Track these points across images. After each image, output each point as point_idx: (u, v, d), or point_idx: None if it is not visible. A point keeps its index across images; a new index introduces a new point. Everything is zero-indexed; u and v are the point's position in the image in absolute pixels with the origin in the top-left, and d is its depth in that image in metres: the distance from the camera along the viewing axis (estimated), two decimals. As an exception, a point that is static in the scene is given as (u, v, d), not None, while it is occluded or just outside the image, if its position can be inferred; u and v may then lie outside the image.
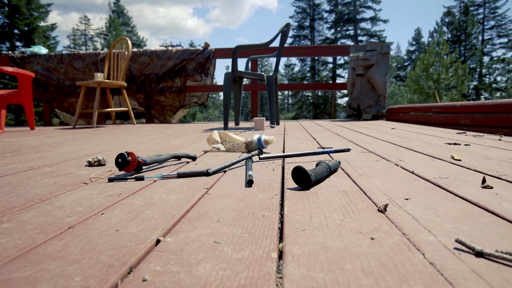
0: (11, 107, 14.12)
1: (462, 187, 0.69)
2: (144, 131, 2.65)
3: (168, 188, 0.72)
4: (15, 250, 0.40)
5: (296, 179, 0.71)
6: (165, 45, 35.96)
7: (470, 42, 24.41)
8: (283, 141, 1.76)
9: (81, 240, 0.43)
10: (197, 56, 4.44)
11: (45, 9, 16.78)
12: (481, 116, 2.45)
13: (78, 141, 1.88)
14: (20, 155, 1.30)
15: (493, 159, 1.06)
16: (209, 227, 0.47)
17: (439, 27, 25.66)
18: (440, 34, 19.17)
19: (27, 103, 3.06)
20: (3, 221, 0.51)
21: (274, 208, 0.56)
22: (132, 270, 0.35)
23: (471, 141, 1.62)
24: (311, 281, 0.32)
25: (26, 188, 0.73)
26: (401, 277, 0.32)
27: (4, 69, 2.91)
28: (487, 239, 0.41)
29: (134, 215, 0.53)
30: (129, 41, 3.81)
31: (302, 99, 28.34)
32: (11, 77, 14.30)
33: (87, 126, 3.77)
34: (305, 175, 0.69)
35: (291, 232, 0.45)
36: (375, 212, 0.53)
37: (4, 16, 15.23)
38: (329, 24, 27.90)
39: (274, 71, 2.95)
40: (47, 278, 0.33)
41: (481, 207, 0.55)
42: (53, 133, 2.57)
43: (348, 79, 4.40)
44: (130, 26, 31.72)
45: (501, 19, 24.56)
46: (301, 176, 0.70)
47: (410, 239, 0.42)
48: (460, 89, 18.21)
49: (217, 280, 0.32)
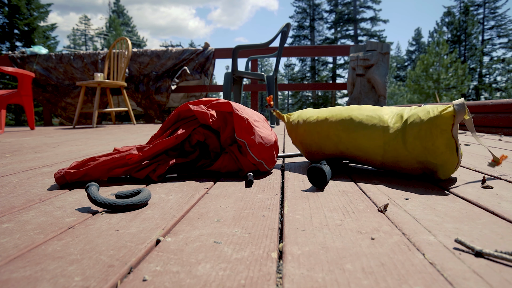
0: (11, 107, 14.12)
1: (462, 187, 0.69)
2: (144, 131, 2.65)
3: (168, 188, 0.72)
4: (15, 250, 0.40)
5: (312, 178, 0.70)
6: (165, 45, 35.99)
7: (470, 42, 24.42)
8: (283, 141, 1.76)
9: (81, 240, 0.43)
10: (197, 56, 4.45)
11: (45, 9, 16.78)
12: (481, 116, 2.45)
13: (78, 141, 1.88)
14: (20, 155, 1.30)
15: (493, 159, 1.06)
16: (209, 227, 0.47)
17: (439, 27, 25.67)
18: (440, 34, 19.18)
19: (27, 103, 3.06)
20: (3, 221, 0.51)
21: (274, 208, 0.56)
22: (132, 270, 0.35)
23: (471, 141, 1.62)
24: (311, 281, 0.32)
25: (26, 188, 0.73)
26: (401, 277, 0.32)
27: (4, 69, 2.92)
28: (487, 239, 0.41)
29: (134, 215, 0.53)
30: (129, 41, 3.81)
31: (302, 99, 28.36)
32: (11, 77, 14.30)
33: (87, 126, 3.77)
34: (322, 176, 0.69)
35: (291, 232, 0.45)
36: (375, 212, 0.53)
37: (4, 16, 15.23)
38: (329, 24, 27.91)
39: (274, 71, 2.95)
40: (47, 278, 0.33)
41: (481, 207, 0.55)
42: (53, 133, 2.57)
43: (348, 79, 4.40)
44: (130, 26, 31.74)
45: (501, 19, 24.57)
46: (318, 175, 0.69)
47: (410, 239, 0.42)
48: (460, 89, 18.21)
49: (217, 280, 0.32)
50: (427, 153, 0.70)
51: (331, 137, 0.86)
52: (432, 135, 0.68)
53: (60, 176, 0.75)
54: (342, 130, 0.84)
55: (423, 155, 0.71)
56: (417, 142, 0.71)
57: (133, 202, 0.56)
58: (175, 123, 0.92)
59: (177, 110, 0.90)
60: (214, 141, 0.90)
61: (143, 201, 0.58)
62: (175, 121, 0.92)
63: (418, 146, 0.71)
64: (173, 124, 0.92)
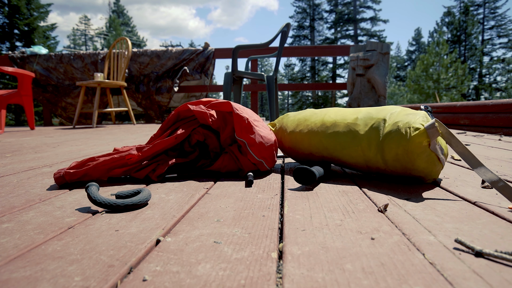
0: (11, 107, 14.12)
1: (462, 187, 0.69)
2: (144, 131, 2.65)
3: (168, 188, 0.72)
4: (15, 250, 0.40)
5: (300, 178, 0.71)
6: (165, 45, 35.99)
7: (470, 42, 24.42)
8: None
9: (81, 240, 0.43)
10: (197, 56, 4.45)
11: (45, 9, 16.78)
12: (481, 116, 2.45)
13: (78, 141, 1.88)
14: (20, 155, 1.30)
15: (493, 159, 1.06)
16: (209, 227, 0.47)
17: (439, 27, 25.67)
18: (440, 34, 19.18)
19: (27, 103, 3.06)
20: (3, 221, 0.51)
21: (274, 208, 0.56)
22: (132, 270, 0.35)
23: (471, 141, 1.62)
24: (311, 281, 0.32)
25: (26, 188, 0.73)
26: (401, 277, 0.32)
27: (4, 69, 2.91)
28: (487, 239, 0.41)
29: (134, 215, 0.53)
30: (129, 41, 3.81)
31: (302, 99, 28.35)
32: (11, 77, 14.30)
33: (87, 126, 3.77)
34: (308, 173, 0.69)
35: (291, 232, 0.45)
36: (375, 212, 0.53)
37: (4, 16, 15.23)
38: (329, 24, 27.91)
39: (274, 71, 2.95)
40: (47, 278, 0.33)
41: (481, 207, 0.55)
42: (53, 133, 2.57)
43: (348, 79, 4.40)
44: (130, 26, 31.73)
45: (501, 19, 24.57)
46: (304, 175, 0.70)
47: (410, 239, 0.42)
48: (460, 89, 18.21)
49: (217, 280, 0.32)
50: (409, 170, 0.70)
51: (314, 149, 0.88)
52: (410, 158, 0.67)
53: (60, 176, 0.75)
54: (321, 149, 0.85)
55: (405, 171, 0.71)
56: (396, 164, 0.70)
57: (133, 202, 0.56)
58: (175, 123, 0.92)
59: (177, 110, 0.90)
60: (214, 141, 0.90)
61: (143, 201, 0.58)
62: (175, 121, 0.92)
63: (398, 167, 0.71)
64: (173, 124, 0.92)
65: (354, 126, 0.78)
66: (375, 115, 0.77)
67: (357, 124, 0.78)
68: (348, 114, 0.83)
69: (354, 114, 0.81)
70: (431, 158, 0.67)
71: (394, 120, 0.72)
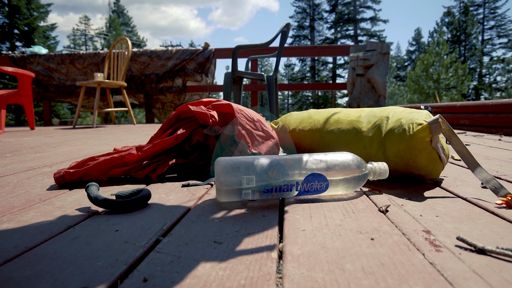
0: (11, 107, 14.12)
1: (462, 187, 0.69)
2: (144, 131, 2.65)
3: (168, 188, 0.72)
4: (15, 250, 0.40)
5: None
6: (165, 45, 35.98)
7: (470, 42, 24.42)
8: (283, 141, 1.76)
9: (81, 240, 0.43)
10: (197, 56, 4.45)
11: (45, 9, 16.78)
12: (481, 116, 2.45)
13: (78, 141, 1.88)
14: (20, 155, 1.30)
15: (493, 159, 1.06)
16: (209, 227, 0.47)
17: (439, 27, 25.67)
18: (440, 34, 19.17)
19: (27, 103, 3.06)
20: (3, 221, 0.51)
21: (274, 208, 0.56)
22: (132, 270, 0.35)
23: (471, 141, 1.62)
24: (311, 281, 0.32)
25: (26, 188, 0.73)
26: (401, 277, 0.32)
27: (4, 69, 2.91)
28: (487, 239, 0.41)
29: (134, 215, 0.53)
30: (129, 41, 3.81)
31: (302, 99, 28.35)
32: (11, 77, 14.30)
33: (87, 126, 3.77)
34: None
35: (291, 232, 0.45)
36: (375, 212, 0.53)
37: (4, 16, 15.23)
38: (329, 24, 27.91)
39: (274, 71, 2.94)
40: (47, 278, 0.33)
41: (481, 207, 0.55)
42: (53, 133, 2.57)
43: (348, 79, 4.40)
44: (130, 26, 31.72)
45: (501, 19, 24.56)
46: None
47: (410, 239, 0.42)
48: (460, 89, 18.21)
49: (217, 280, 0.32)
50: (410, 168, 0.70)
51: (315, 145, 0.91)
52: (412, 155, 0.67)
53: (60, 176, 0.75)
54: (323, 146, 0.88)
55: (406, 168, 0.71)
56: (398, 160, 0.70)
57: (133, 202, 0.56)
58: (176, 123, 0.92)
59: (178, 110, 0.90)
60: (215, 142, 0.90)
61: (143, 201, 0.58)
62: (176, 121, 0.92)
63: (400, 163, 0.71)
64: (174, 124, 0.92)
65: (357, 124, 0.80)
66: (379, 113, 0.78)
67: (360, 122, 0.79)
68: (352, 112, 0.85)
69: (358, 112, 0.83)
70: (433, 156, 0.67)
71: (397, 117, 0.72)
